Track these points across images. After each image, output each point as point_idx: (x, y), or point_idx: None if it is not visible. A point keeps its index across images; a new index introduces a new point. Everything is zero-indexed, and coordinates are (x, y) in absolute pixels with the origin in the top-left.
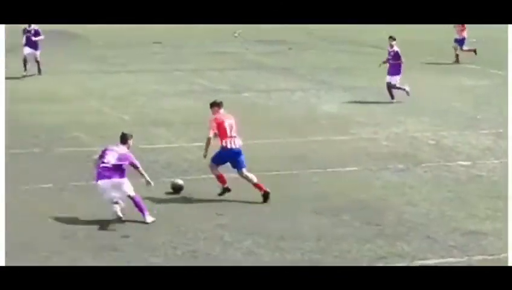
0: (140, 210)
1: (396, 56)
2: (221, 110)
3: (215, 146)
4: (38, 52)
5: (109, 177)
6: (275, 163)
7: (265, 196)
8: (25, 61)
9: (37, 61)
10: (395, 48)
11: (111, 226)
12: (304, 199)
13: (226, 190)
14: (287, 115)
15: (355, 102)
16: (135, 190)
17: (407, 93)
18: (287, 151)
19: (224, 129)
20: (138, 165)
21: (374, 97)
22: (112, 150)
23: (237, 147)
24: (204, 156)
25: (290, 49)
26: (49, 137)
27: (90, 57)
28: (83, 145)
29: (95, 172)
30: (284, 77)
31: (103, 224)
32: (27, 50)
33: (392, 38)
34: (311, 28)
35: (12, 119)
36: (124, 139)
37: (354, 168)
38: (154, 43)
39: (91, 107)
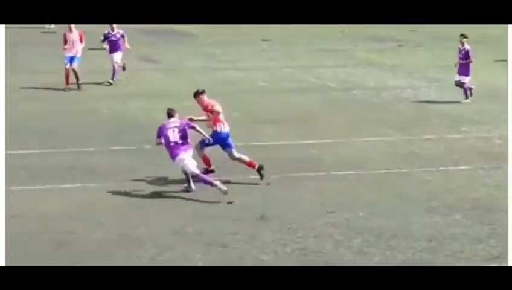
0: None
1: (466, 55)
2: (205, 97)
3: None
4: (119, 56)
5: (185, 150)
6: (386, 161)
7: (260, 170)
8: (123, 68)
9: (115, 68)
10: (466, 46)
11: (220, 223)
12: (416, 197)
13: (209, 171)
14: (397, 113)
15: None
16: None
17: (471, 94)
18: (398, 149)
19: (218, 114)
20: (195, 125)
21: (485, 95)
22: (169, 128)
23: (226, 131)
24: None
25: (400, 46)
26: None
27: (201, 54)
28: (193, 142)
29: (170, 152)
30: (394, 74)
31: (212, 220)
32: (115, 56)
33: (463, 36)
34: (417, 26)
35: (126, 116)
36: (172, 113)
37: (467, 167)
38: (263, 40)
39: None
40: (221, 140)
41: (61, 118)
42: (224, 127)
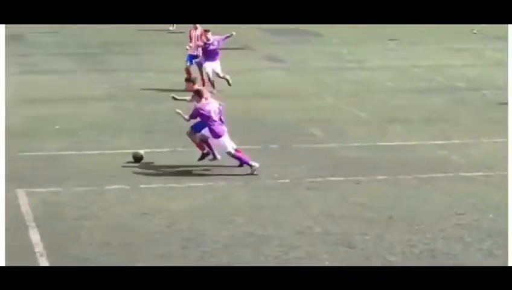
0: (244, 162)
1: None
2: (195, 86)
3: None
4: (218, 64)
5: (225, 131)
6: None
7: (202, 157)
8: (209, 79)
9: (221, 77)
10: None
11: (348, 223)
12: None
13: (204, 155)
14: None
15: None
16: None
17: None
18: None
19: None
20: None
21: None
22: (210, 105)
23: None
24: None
25: None
26: (286, 133)
27: (327, 54)
28: (319, 142)
29: (214, 129)
30: None
31: (340, 220)
32: (208, 66)
33: None
34: None
35: (251, 115)
36: (201, 93)
37: None
38: (390, 40)
39: (327, 103)
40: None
41: None
42: None
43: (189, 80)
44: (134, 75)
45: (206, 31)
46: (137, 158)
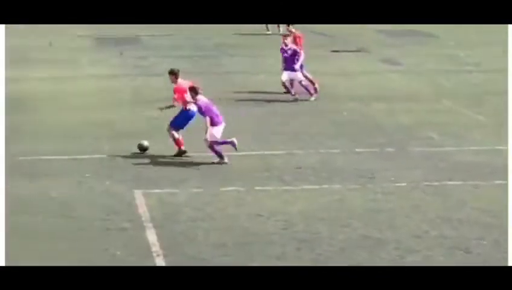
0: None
1: None
2: (179, 80)
3: None
4: (298, 74)
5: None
6: None
7: (178, 154)
8: (285, 87)
9: (302, 85)
10: None
11: (465, 227)
12: None
13: (182, 152)
14: None
15: None
16: None
17: None
18: None
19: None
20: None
21: None
22: (211, 104)
23: (194, 110)
24: (161, 110)
25: None
26: (403, 136)
27: (443, 56)
28: (436, 145)
29: (217, 119)
30: None
31: (456, 225)
32: (285, 75)
33: None
34: None
35: (367, 118)
36: (196, 89)
37: None
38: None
39: (444, 106)
40: (186, 118)
41: (302, 119)
42: (191, 106)
43: (172, 72)
44: (247, 77)
45: (285, 36)
46: (143, 148)
